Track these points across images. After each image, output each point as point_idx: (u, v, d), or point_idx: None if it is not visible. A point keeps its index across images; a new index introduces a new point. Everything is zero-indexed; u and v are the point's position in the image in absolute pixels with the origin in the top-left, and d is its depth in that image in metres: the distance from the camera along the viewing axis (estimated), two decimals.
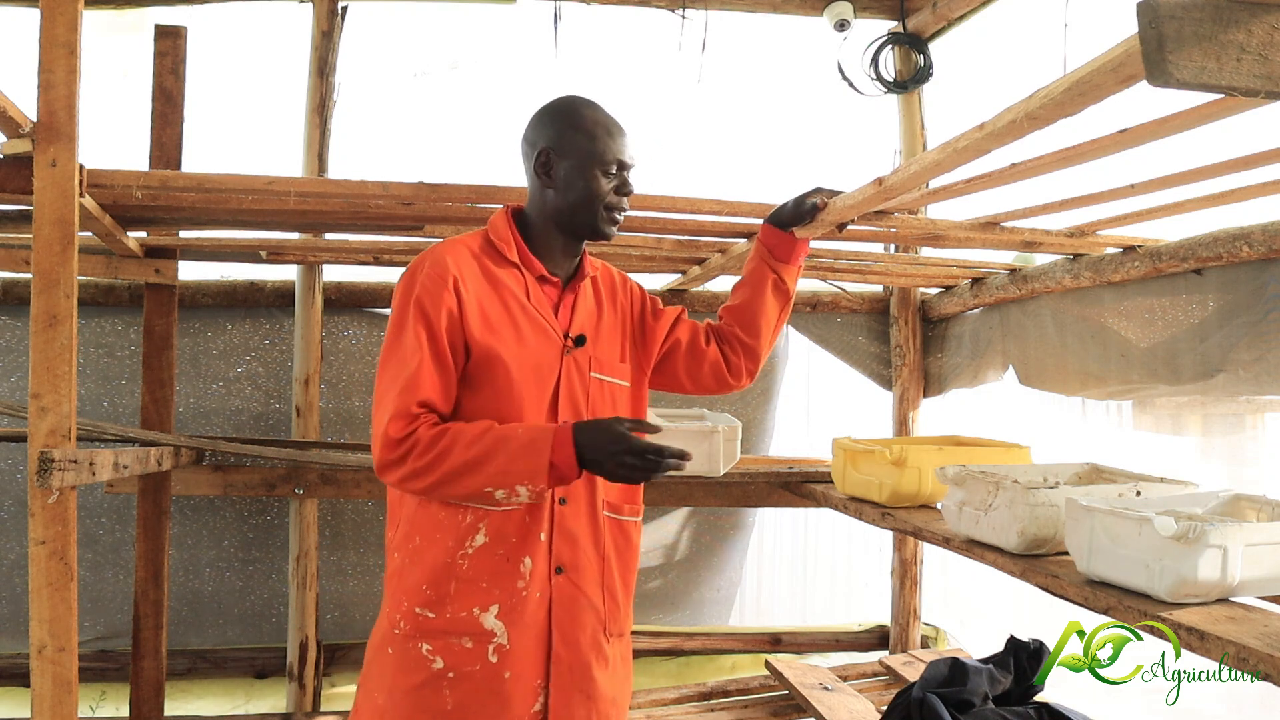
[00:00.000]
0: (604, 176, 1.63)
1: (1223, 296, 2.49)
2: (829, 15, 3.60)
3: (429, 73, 3.67)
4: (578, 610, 1.58)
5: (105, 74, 3.22)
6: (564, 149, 1.63)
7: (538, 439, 1.44)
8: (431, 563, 1.53)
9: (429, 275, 1.54)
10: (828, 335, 3.96)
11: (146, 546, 2.96)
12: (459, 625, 1.51)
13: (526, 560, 1.54)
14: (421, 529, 1.55)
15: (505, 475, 1.43)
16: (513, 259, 1.63)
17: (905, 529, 2.54)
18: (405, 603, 1.53)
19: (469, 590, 1.52)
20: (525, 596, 1.53)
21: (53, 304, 1.82)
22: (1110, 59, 1.16)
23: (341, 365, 3.66)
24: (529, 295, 1.62)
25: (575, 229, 1.65)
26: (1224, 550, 1.52)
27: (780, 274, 1.89)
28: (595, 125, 1.64)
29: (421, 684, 1.50)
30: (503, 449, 1.44)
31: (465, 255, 1.60)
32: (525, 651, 1.53)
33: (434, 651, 1.50)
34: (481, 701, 1.50)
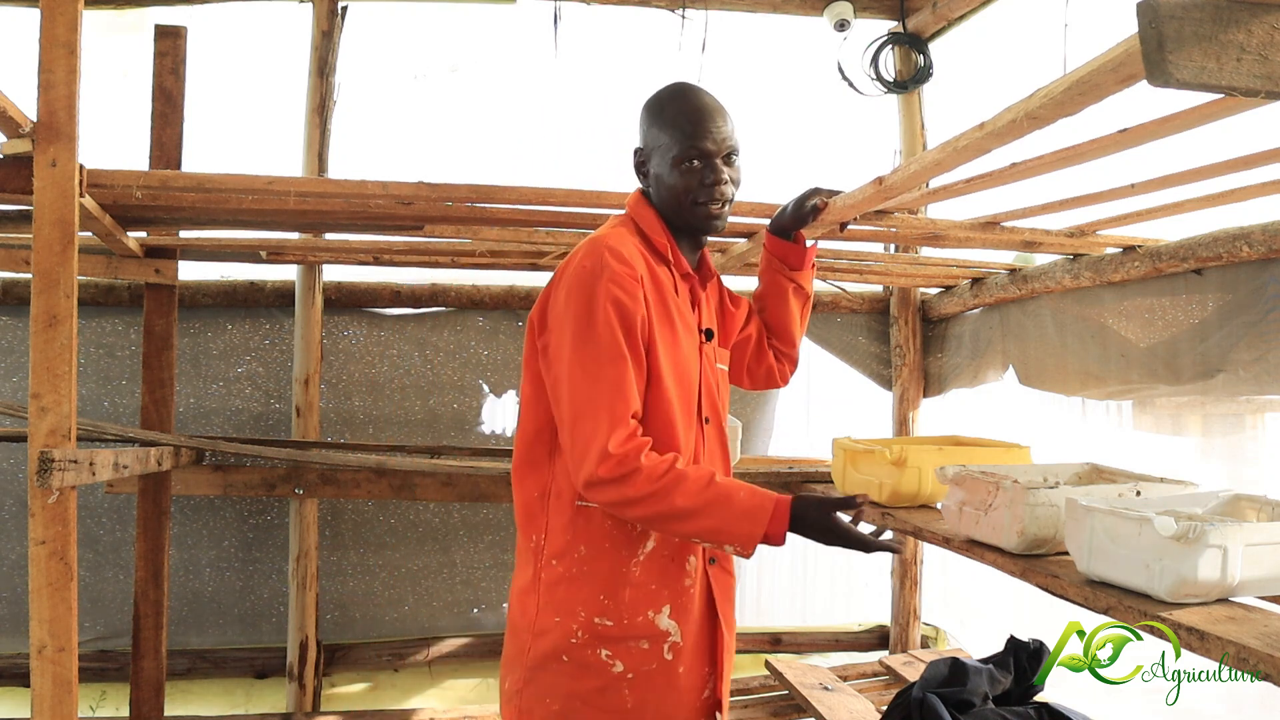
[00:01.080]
0: (686, 171, 1.58)
1: (1223, 296, 2.49)
2: (829, 15, 3.60)
3: (429, 74, 3.67)
4: (730, 593, 1.66)
5: (105, 74, 3.22)
6: (650, 147, 1.62)
7: (758, 509, 1.46)
8: (605, 573, 1.53)
9: (619, 274, 1.49)
10: (828, 335, 3.96)
11: (146, 546, 2.96)
12: (636, 630, 1.54)
13: (691, 559, 1.59)
14: (587, 539, 1.54)
15: (718, 534, 1.46)
16: (667, 256, 1.61)
17: (905, 529, 2.54)
18: (582, 612, 1.53)
19: (642, 595, 1.54)
20: (692, 593, 1.58)
21: (53, 304, 1.82)
22: (1110, 59, 1.16)
23: (341, 365, 3.66)
24: (677, 291, 1.62)
25: (683, 225, 1.63)
26: (1224, 550, 1.52)
27: (798, 281, 1.90)
28: (677, 118, 1.59)
29: (603, 687, 1.52)
30: (721, 509, 1.45)
31: (637, 253, 1.56)
32: (694, 644, 1.58)
33: (613, 656, 1.53)
34: (660, 696, 1.54)
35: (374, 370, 3.68)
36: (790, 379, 1.99)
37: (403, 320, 3.73)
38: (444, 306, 3.73)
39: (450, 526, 3.74)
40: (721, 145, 1.59)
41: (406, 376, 3.71)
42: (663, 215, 1.63)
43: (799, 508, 1.47)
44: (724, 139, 1.60)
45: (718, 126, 1.59)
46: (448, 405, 3.74)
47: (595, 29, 3.62)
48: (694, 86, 1.66)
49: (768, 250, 1.92)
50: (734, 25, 3.72)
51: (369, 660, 3.66)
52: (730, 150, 1.61)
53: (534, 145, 3.67)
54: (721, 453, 1.69)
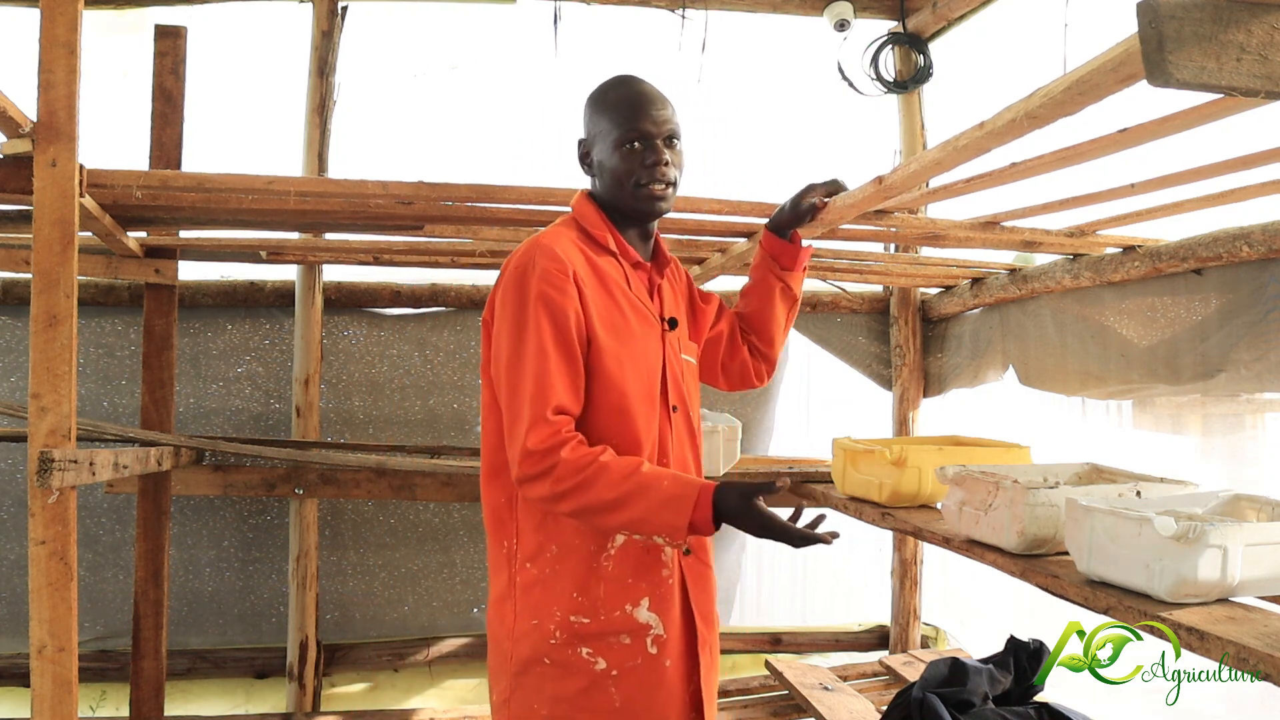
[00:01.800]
0: (630, 154, 1.57)
1: (1223, 296, 2.49)
2: (829, 15, 3.60)
3: (429, 73, 3.67)
4: (707, 585, 1.63)
5: (105, 74, 3.21)
6: (592, 135, 1.61)
7: (682, 496, 1.42)
8: (575, 569, 1.52)
9: (548, 270, 1.49)
10: (828, 335, 3.96)
11: (146, 546, 2.96)
12: (614, 625, 1.52)
13: (668, 549, 1.56)
14: (557, 538, 1.53)
15: (643, 524, 1.43)
16: (610, 248, 1.60)
17: (905, 529, 2.54)
18: (558, 612, 1.51)
19: (617, 589, 1.52)
20: (671, 585, 1.56)
21: (53, 304, 1.82)
22: (1110, 58, 1.16)
23: (341, 365, 3.66)
24: (629, 283, 1.60)
25: (626, 211, 1.61)
26: (1224, 550, 1.52)
27: (786, 281, 1.88)
28: (618, 103, 1.59)
29: (587, 687, 1.50)
30: (644, 497, 1.42)
31: (572, 248, 1.56)
32: (677, 636, 1.56)
33: (594, 653, 1.51)
34: (648, 693, 1.52)
35: (374, 370, 3.68)
36: (767, 380, 1.95)
37: (403, 320, 3.73)
38: (444, 306, 3.73)
39: (450, 526, 3.74)
40: (661, 127, 1.58)
41: (406, 376, 3.71)
42: (608, 205, 1.62)
43: (720, 495, 1.43)
44: (664, 121, 1.59)
45: (658, 109, 1.59)
46: (448, 405, 3.74)
47: (595, 29, 3.62)
48: (634, 76, 1.65)
49: (762, 247, 1.90)
50: (734, 25, 3.72)
51: (369, 660, 3.66)
52: (670, 133, 1.60)
53: (534, 145, 3.67)
54: (691, 441, 1.67)
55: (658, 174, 1.58)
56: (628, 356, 1.54)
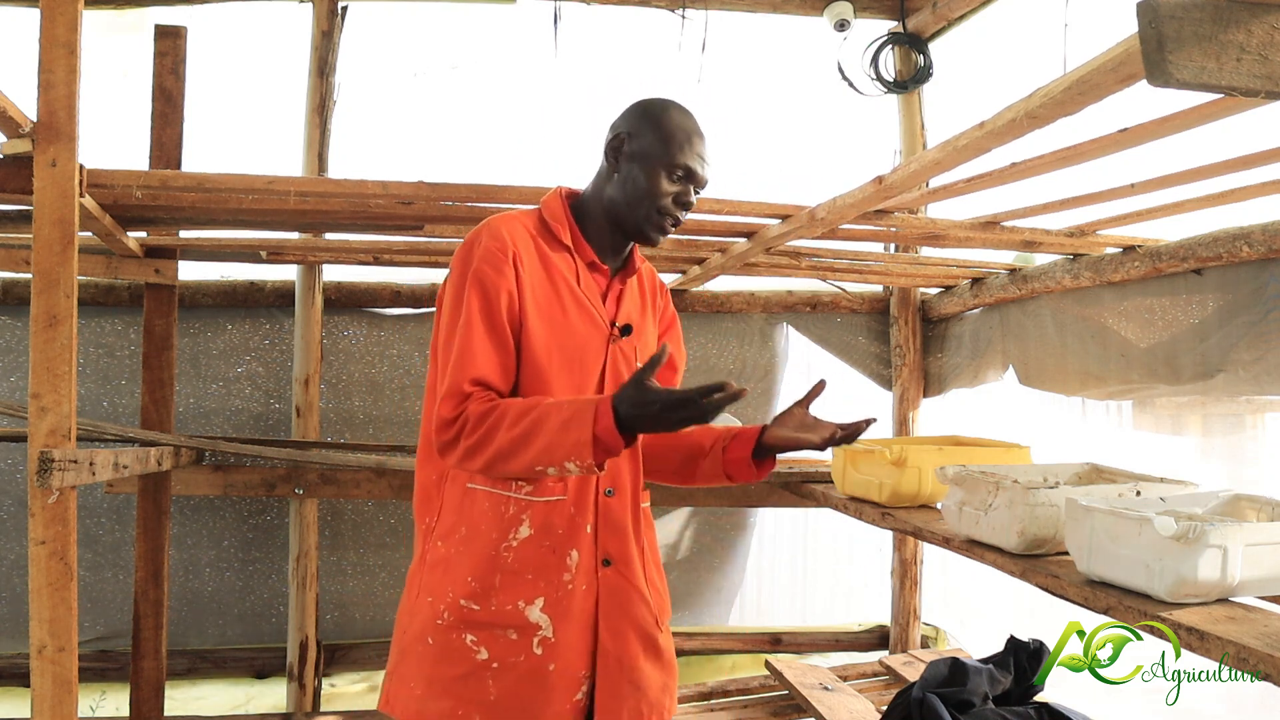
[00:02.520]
0: (666, 179, 1.56)
1: (1223, 296, 2.49)
2: (829, 15, 3.60)
3: (429, 73, 3.67)
4: (627, 602, 1.57)
5: (105, 74, 3.22)
6: (637, 138, 1.58)
7: (580, 412, 1.37)
8: (478, 554, 1.50)
9: (487, 248, 1.50)
10: (828, 335, 3.96)
11: (146, 546, 2.96)
12: (504, 618, 1.49)
13: (573, 553, 1.53)
14: (468, 519, 1.52)
15: (551, 451, 1.38)
16: (566, 242, 1.59)
17: (905, 529, 2.54)
18: (450, 594, 1.50)
19: (514, 583, 1.50)
20: (571, 590, 1.52)
21: (53, 304, 1.82)
22: (1110, 58, 1.16)
23: (341, 365, 3.66)
24: (579, 280, 1.58)
25: (624, 224, 1.60)
26: (1224, 550, 1.52)
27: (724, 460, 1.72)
28: (676, 128, 1.58)
29: (465, 674, 1.48)
30: (546, 425, 1.38)
31: (522, 232, 1.55)
32: (570, 643, 1.51)
33: (478, 643, 1.48)
34: (524, 692, 1.48)
35: (374, 370, 3.68)
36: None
37: (403, 320, 3.73)
38: None
39: None
40: (704, 175, 1.60)
41: (406, 376, 3.71)
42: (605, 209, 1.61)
43: (616, 395, 1.37)
44: (708, 170, 1.61)
45: (708, 156, 1.61)
46: None
47: (595, 29, 3.62)
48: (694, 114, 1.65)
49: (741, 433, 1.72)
50: (734, 25, 3.72)
51: (369, 660, 3.65)
52: (704, 183, 1.62)
53: (534, 145, 3.67)
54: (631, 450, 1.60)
55: (678, 215, 1.60)
56: (558, 348, 1.52)
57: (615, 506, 1.57)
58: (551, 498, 1.52)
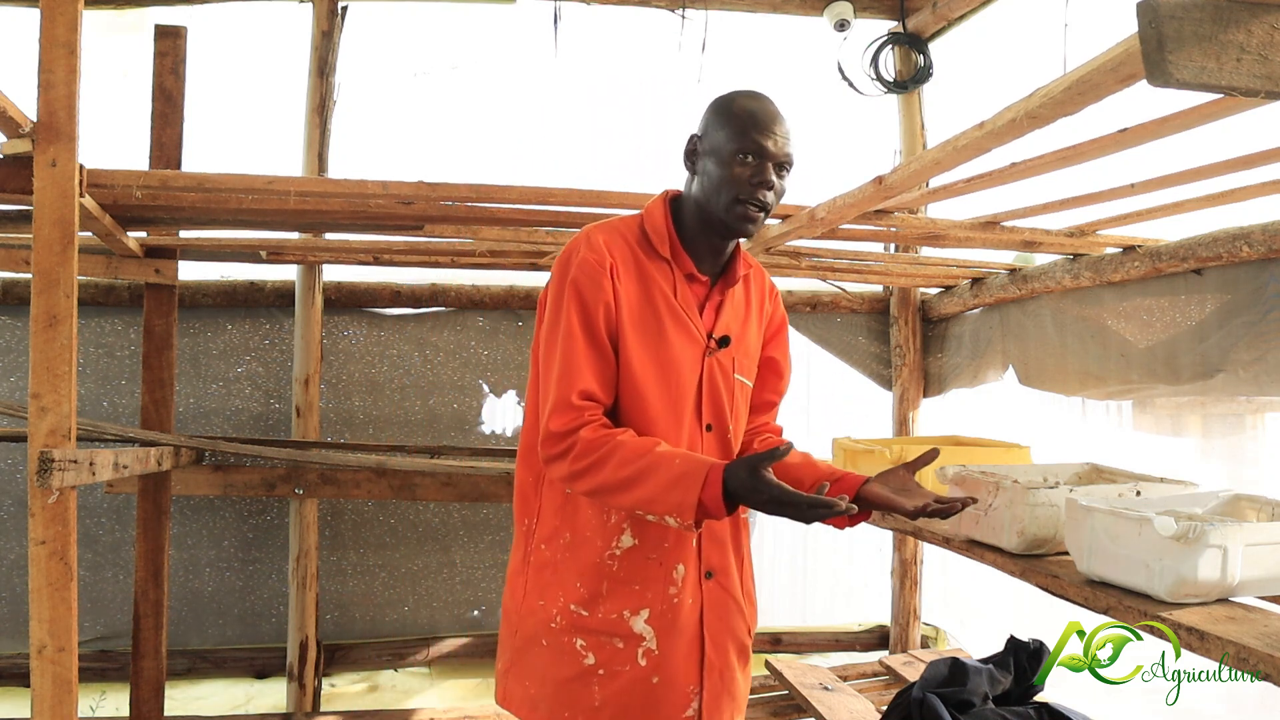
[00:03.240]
0: (738, 164, 1.51)
1: (1222, 296, 2.49)
2: (829, 15, 3.60)
3: (429, 73, 3.67)
4: (728, 614, 1.58)
5: (105, 74, 3.22)
6: (708, 135, 1.56)
7: (691, 474, 1.38)
8: (585, 560, 1.52)
9: (585, 260, 1.50)
10: (828, 335, 3.96)
11: (146, 546, 2.96)
12: (610, 625, 1.51)
13: (680, 567, 1.54)
14: (572, 525, 1.54)
15: (653, 503, 1.39)
16: (665, 254, 1.57)
17: (905, 529, 2.54)
18: (562, 598, 1.52)
19: (621, 591, 1.51)
20: (678, 603, 1.53)
21: (53, 304, 1.82)
22: (1110, 58, 1.16)
23: (341, 365, 3.66)
24: (676, 292, 1.57)
25: (712, 222, 1.56)
26: (1224, 550, 1.52)
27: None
28: (742, 113, 1.54)
29: (573, 677, 1.50)
30: (655, 476, 1.39)
31: (621, 243, 1.55)
32: (677, 656, 1.52)
33: (587, 647, 1.51)
34: (628, 703, 1.50)
35: (374, 370, 3.68)
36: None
37: (403, 320, 3.73)
38: (444, 306, 3.74)
39: (450, 526, 3.74)
40: (779, 150, 1.54)
41: (406, 376, 3.71)
42: (691, 209, 1.59)
43: (729, 470, 1.37)
44: (783, 145, 1.54)
45: (781, 131, 1.55)
46: (448, 405, 3.74)
47: (595, 29, 3.62)
48: (767, 95, 1.62)
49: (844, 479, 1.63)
50: (734, 25, 3.72)
51: (369, 660, 3.66)
52: (785, 160, 1.55)
53: (534, 145, 3.67)
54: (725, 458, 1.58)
55: (758, 195, 1.52)
56: (653, 361, 1.52)
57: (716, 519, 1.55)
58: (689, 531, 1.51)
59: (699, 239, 1.59)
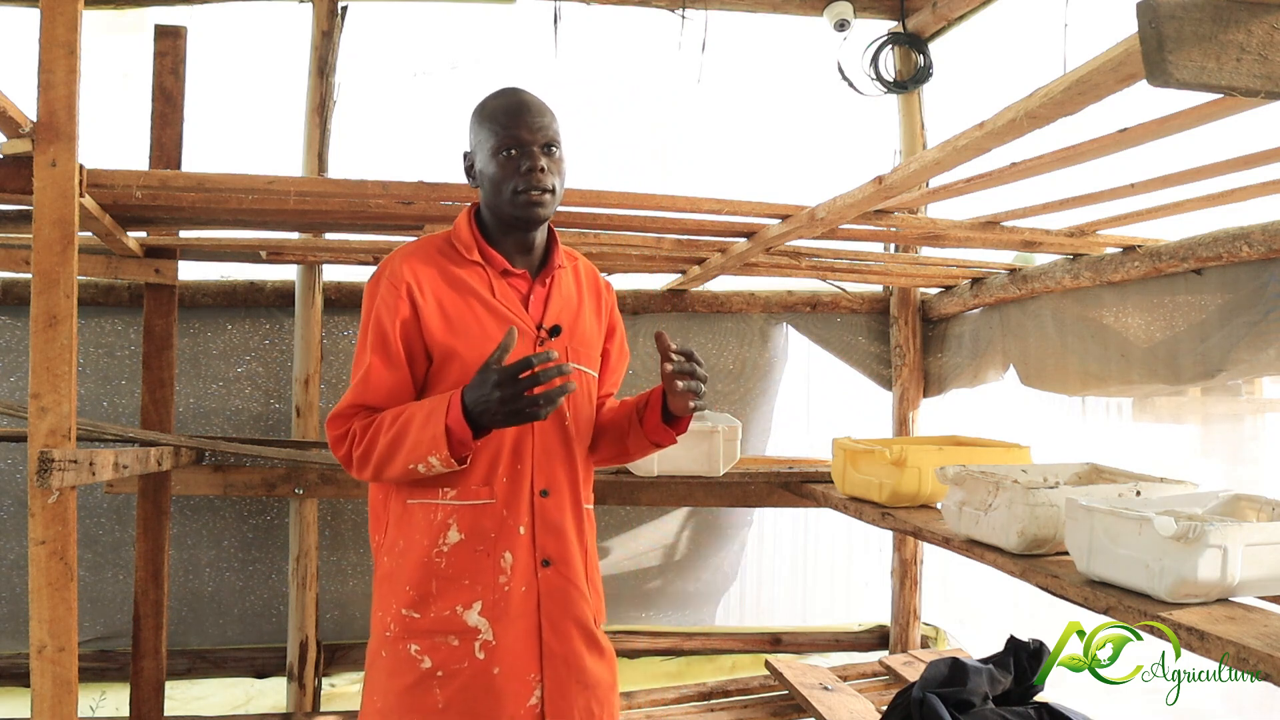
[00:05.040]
0: (505, 162, 1.59)
1: (1223, 296, 2.49)
2: (829, 15, 3.60)
3: (429, 73, 3.67)
4: (568, 601, 1.59)
5: (105, 74, 3.21)
6: (474, 146, 1.67)
7: (435, 407, 1.46)
8: (414, 563, 1.55)
9: (385, 285, 1.58)
10: (828, 335, 3.96)
11: (146, 546, 2.96)
12: (443, 624, 1.52)
13: (507, 555, 1.55)
14: (404, 530, 1.57)
15: (415, 449, 1.45)
16: (474, 258, 1.63)
17: (905, 529, 2.54)
18: (394, 605, 1.55)
19: (450, 588, 1.53)
20: (508, 591, 1.54)
21: (53, 304, 1.82)
22: (1110, 58, 1.16)
23: (341, 365, 3.66)
24: (494, 291, 1.61)
25: (505, 219, 1.63)
26: (1224, 550, 1.52)
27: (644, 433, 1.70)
28: (494, 115, 1.63)
29: (413, 684, 1.51)
30: (410, 426, 1.46)
31: (423, 260, 1.62)
32: (514, 646, 1.53)
33: (422, 651, 1.52)
34: (472, 698, 1.51)
35: None
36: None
37: None
38: None
39: None
40: (537, 135, 1.60)
41: None
42: (489, 215, 1.66)
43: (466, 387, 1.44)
44: (540, 129, 1.61)
45: (534, 117, 1.62)
46: None
47: (595, 29, 3.62)
48: (516, 87, 1.70)
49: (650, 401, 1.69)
50: (734, 25, 3.72)
51: None
52: (548, 141, 1.61)
53: None
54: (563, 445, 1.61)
55: (534, 180, 1.58)
56: (478, 359, 1.51)
57: (552, 507, 1.59)
58: (478, 501, 1.55)
59: (504, 238, 1.66)
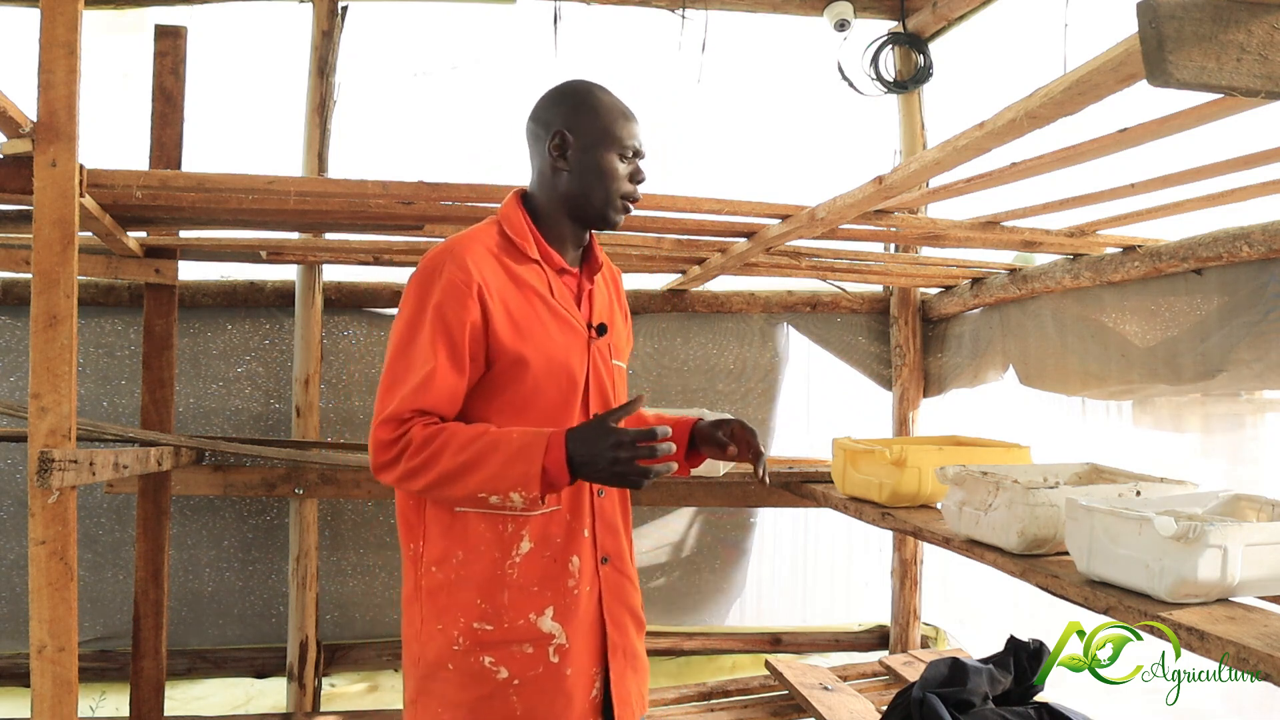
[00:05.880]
0: (620, 160, 1.57)
1: (1223, 296, 2.49)
2: (829, 15, 3.60)
3: (429, 73, 3.67)
4: (623, 594, 1.62)
5: (105, 74, 3.22)
6: (580, 131, 1.57)
7: (531, 445, 1.40)
8: (481, 576, 1.51)
9: (450, 283, 1.48)
10: (828, 335, 3.96)
11: (146, 546, 2.96)
12: (518, 633, 1.50)
13: (575, 559, 1.54)
14: (463, 543, 1.52)
15: (497, 481, 1.40)
16: (533, 256, 1.58)
17: (905, 529, 2.54)
18: (460, 618, 1.51)
19: (522, 597, 1.51)
20: (577, 594, 1.54)
21: (53, 304, 1.82)
22: (1110, 58, 1.16)
23: (341, 365, 3.66)
24: (553, 291, 1.58)
25: (585, 215, 1.59)
26: (1224, 550, 1.52)
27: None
28: (612, 109, 1.59)
29: (489, 695, 1.49)
30: (495, 455, 1.40)
31: (485, 256, 1.53)
32: (582, 645, 1.54)
33: (497, 662, 1.50)
34: (549, 702, 1.51)
35: (374, 370, 3.68)
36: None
37: None
38: None
39: None
40: (644, 149, 1.62)
41: None
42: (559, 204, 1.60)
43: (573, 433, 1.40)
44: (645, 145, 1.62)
45: (641, 131, 1.62)
46: None
47: (595, 29, 3.62)
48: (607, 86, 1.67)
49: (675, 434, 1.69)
50: (734, 25, 3.72)
51: (369, 660, 3.66)
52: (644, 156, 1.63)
53: None
54: None
55: (637, 193, 1.60)
56: (545, 363, 1.52)
57: (607, 506, 1.61)
58: (549, 509, 1.52)
59: (562, 232, 1.62)
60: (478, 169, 3.65)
